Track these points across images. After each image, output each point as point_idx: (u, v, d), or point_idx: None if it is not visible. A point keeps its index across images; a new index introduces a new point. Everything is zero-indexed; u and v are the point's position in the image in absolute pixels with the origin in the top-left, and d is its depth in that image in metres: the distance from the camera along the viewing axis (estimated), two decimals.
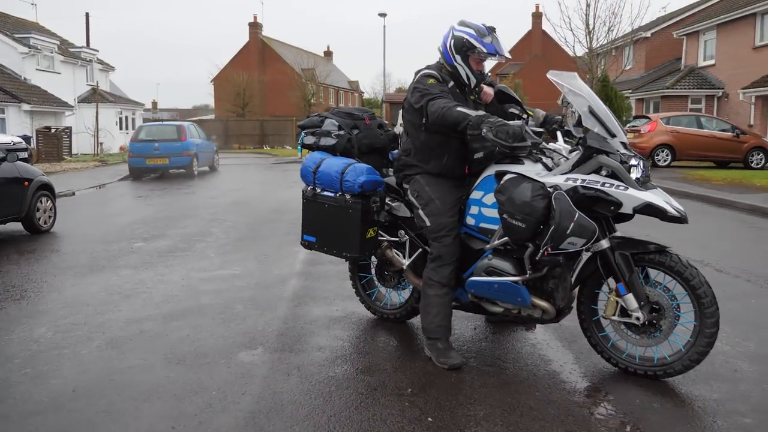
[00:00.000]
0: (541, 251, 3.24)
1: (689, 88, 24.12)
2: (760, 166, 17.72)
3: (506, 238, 3.46)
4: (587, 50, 22.09)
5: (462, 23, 3.67)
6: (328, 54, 66.06)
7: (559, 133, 3.80)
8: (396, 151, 4.28)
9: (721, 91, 23.46)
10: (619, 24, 21.83)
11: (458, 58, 3.63)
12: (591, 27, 21.44)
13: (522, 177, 3.33)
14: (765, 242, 7.88)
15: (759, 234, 8.47)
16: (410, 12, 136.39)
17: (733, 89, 22.42)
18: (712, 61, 24.56)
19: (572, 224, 3.14)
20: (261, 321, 4.54)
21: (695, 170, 16.54)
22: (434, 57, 3.91)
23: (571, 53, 23.91)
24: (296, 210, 4.23)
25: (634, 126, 18.29)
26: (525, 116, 3.97)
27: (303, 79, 46.36)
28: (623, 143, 3.40)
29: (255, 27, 53.16)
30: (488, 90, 3.92)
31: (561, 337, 4.12)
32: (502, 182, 3.37)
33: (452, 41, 3.64)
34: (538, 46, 48.47)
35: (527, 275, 3.49)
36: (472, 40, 3.56)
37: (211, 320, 4.58)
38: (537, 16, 50.44)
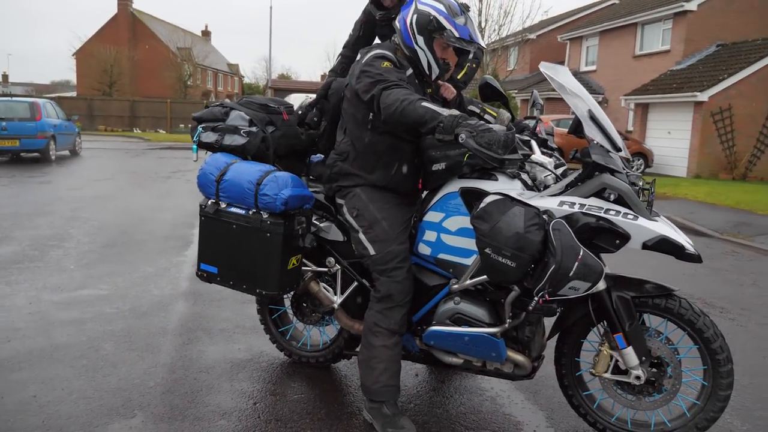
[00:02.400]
0: (535, 299, 2.45)
1: None
2: (639, 171, 18.47)
3: (483, 277, 2.66)
4: None
5: None
6: (206, 34, 62.67)
7: (533, 143, 3.05)
8: (317, 155, 3.36)
9: (602, 97, 24.36)
10: (510, 23, 22.02)
11: (420, 39, 2.74)
12: (483, 25, 21.40)
13: (509, 199, 2.53)
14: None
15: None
16: None
17: (613, 95, 23.35)
18: (594, 67, 25.49)
19: (576, 264, 2.38)
20: (139, 369, 3.45)
21: None
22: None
23: (482, 44, 23.80)
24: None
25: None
26: (487, 116, 3.20)
27: (179, 58, 43.54)
28: (626, 160, 2.71)
29: None
30: (447, 85, 3.09)
31: (520, 387, 3.41)
32: (482, 206, 2.54)
33: (414, 17, 2.74)
34: None
35: (507, 325, 2.71)
36: (442, 19, 2.68)
37: (69, 369, 3.42)
38: None
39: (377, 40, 3.59)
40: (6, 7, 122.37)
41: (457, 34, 2.71)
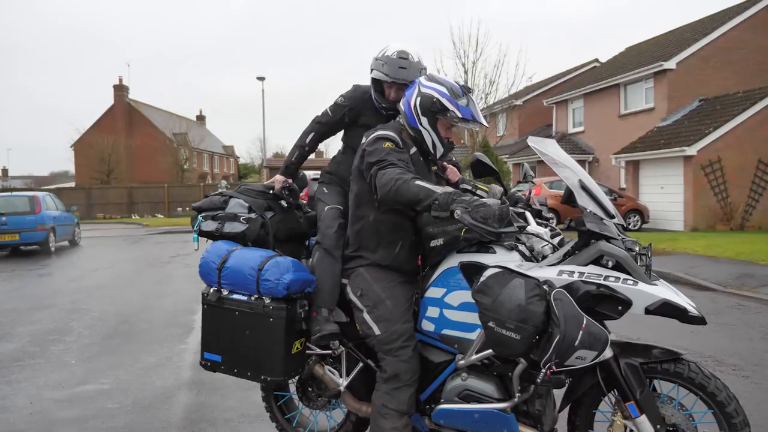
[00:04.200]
0: (543, 370, 2.42)
1: None
2: (636, 227, 18.57)
3: (488, 351, 2.64)
4: None
5: (431, 78, 2.90)
6: (201, 118, 64.19)
7: (528, 214, 3.09)
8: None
9: (592, 156, 24.82)
10: (496, 91, 22.60)
11: (424, 120, 2.84)
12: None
13: (508, 271, 2.54)
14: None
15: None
16: (289, 78, 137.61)
17: (602, 154, 23.77)
18: (581, 128, 26.06)
19: (581, 333, 2.36)
20: None
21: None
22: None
23: (485, 123, 24.39)
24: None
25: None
26: (480, 192, 3.25)
27: (175, 143, 44.37)
28: (620, 226, 2.74)
29: (120, 89, 50.34)
30: (453, 168, 3.18)
31: None
32: (482, 279, 2.54)
33: (418, 99, 2.85)
34: None
35: (516, 399, 2.67)
36: (444, 101, 2.79)
37: None
38: None
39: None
40: (6, 104, 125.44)
41: (460, 115, 2.80)
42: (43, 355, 5.76)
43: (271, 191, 3.34)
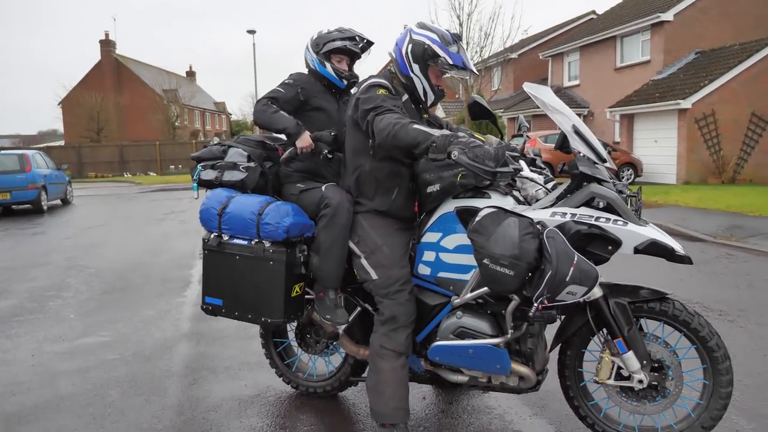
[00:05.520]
0: (534, 305, 2.50)
1: None
2: (630, 181, 18.64)
3: (484, 289, 2.71)
4: None
5: (423, 26, 2.91)
6: (192, 74, 63.21)
7: (522, 162, 3.13)
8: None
9: (587, 110, 24.71)
10: (492, 45, 22.33)
11: (416, 68, 2.86)
12: (465, 48, 21.73)
13: (504, 211, 2.59)
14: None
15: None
16: (280, 31, 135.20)
17: (598, 108, 23.67)
18: (577, 82, 25.87)
19: (572, 269, 2.44)
20: (147, 413, 3.45)
21: None
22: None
23: (474, 71, 24.17)
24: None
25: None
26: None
27: (165, 100, 43.83)
28: (612, 170, 2.79)
29: (107, 45, 49.25)
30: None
31: (528, 402, 3.43)
32: (477, 219, 2.60)
33: (410, 46, 2.87)
34: None
35: (509, 335, 2.76)
36: (436, 48, 2.81)
37: (76, 418, 3.42)
38: None
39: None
40: None
41: (451, 62, 2.83)
42: (41, 311, 5.83)
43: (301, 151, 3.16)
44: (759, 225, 9.84)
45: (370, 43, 3.32)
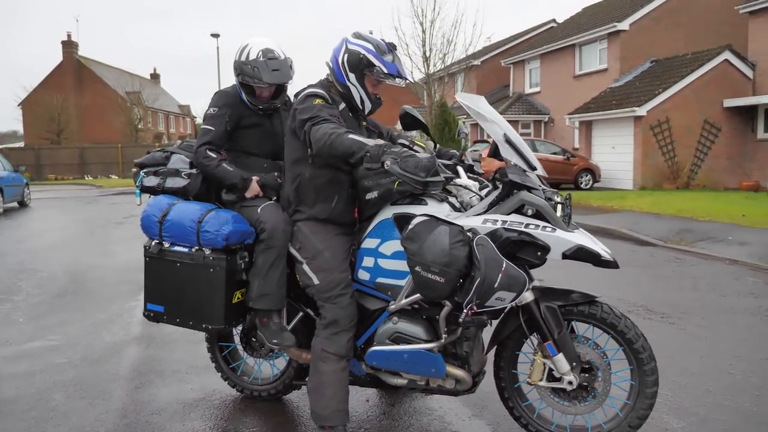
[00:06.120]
0: (464, 311, 2.59)
1: (519, 114, 25.58)
2: (588, 186, 19.08)
3: (417, 296, 2.79)
4: (424, 75, 22.59)
5: (358, 36, 2.98)
6: (155, 77, 62.30)
7: (460, 169, 3.24)
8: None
9: (548, 117, 25.18)
10: (454, 51, 22.60)
11: (352, 77, 2.94)
12: (428, 54, 21.95)
13: (435, 219, 2.68)
14: (623, 265, 7.97)
15: (616, 257, 8.67)
16: (246, 31, 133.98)
17: (558, 114, 24.13)
18: (538, 89, 26.31)
19: (500, 276, 2.53)
20: (90, 417, 3.44)
21: None
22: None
23: (409, 79, 24.37)
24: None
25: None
26: (416, 148, 3.36)
27: (128, 102, 43.16)
28: (541, 177, 2.90)
29: (69, 46, 48.32)
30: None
31: (468, 403, 3.53)
32: (410, 227, 2.68)
33: (346, 56, 2.94)
34: None
35: (443, 340, 2.84)
36: (371, 57, 2.89)
37: (18, 422, 3.40)
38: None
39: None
40: None
41: (385, 71, 2.90)
42: None
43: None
44: (708, 229, 10.17)
45: (286, 82, 3.25)
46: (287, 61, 3.23)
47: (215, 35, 33.22)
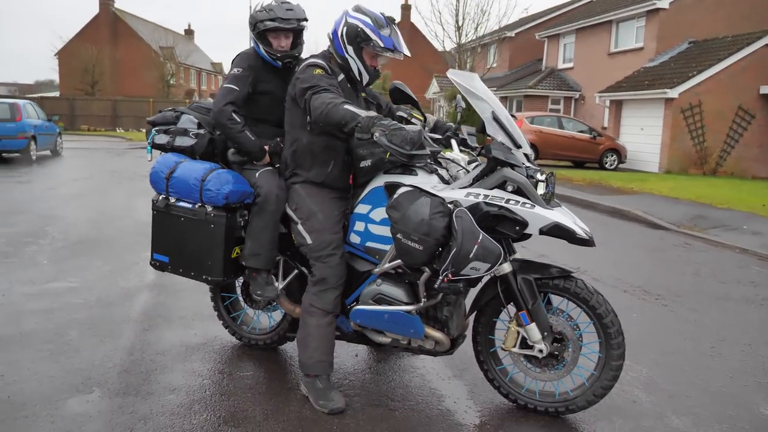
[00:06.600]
0: (440, 278, 2.78)
1: (549, 89, 25.33)
2: (613, 167, 18.93)
3: (399, 261, 2.98)
4: (456, 45, 22.43)
5: (358, 9, 3.11)
6: (190, 33, 62.62)
7: (453, 142, 3.39)
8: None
9: (579, 94, 24.86)
10: (487, 22, 22.42)
11: (350, 49, 3.09)
12: (460, 23, 21.75)
13: (418, 191, 2.85)
14: (630, 247, 8.12)
15: (624, 238, 8.76)
16: None
17: (589, 92, 23.81)
18: (571, 64, 25.93)
19: (476, 247, 2.71)
20: (99, 353, 3.73)
21: (556, 169, 17.23)
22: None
23: (440, 47, 24.23)
24: (150, 205, 3.48)
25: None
26: (414, 121, 3.51)
27: (161, 57, 43.58)
28: (527, 155, 3.04)
29: None
30: None
31: (451, 364, 3.73)
32: (395, 197, 2.87)
33: (344, 29, 3.08)
34: (405, 37, 47.43)
35: (422, 303, 3.04)
36: (368, 31, 3.02)
37: (35, 353, 3.70)
38: (406, 8, 51.11)
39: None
40: None
41: (382, 44, 3.05)
42: (17, 255, 6.09)
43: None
44: (724, 217, 10.13)
45: (303, 19, 3.33)
46: (299, 8, 3.33)
47: None
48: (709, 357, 4.14)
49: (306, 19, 3.35)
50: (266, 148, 3.32)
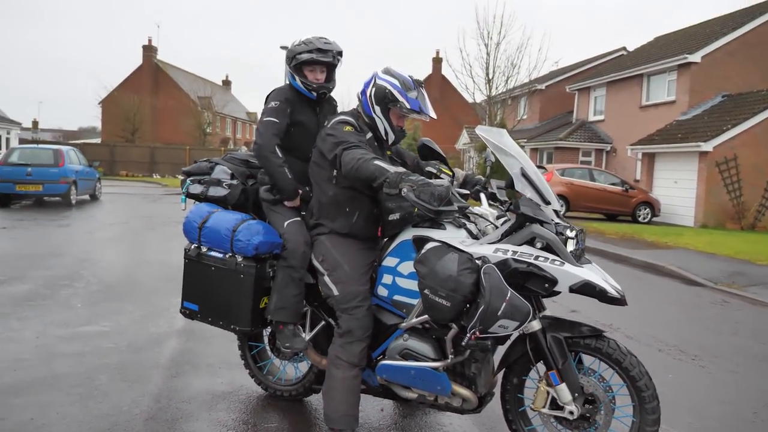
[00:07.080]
0: (468, 335, 2.75)
1: (581, 141, 25.32)
2: (646, 220, 18.66)
3: (426, 316, 2.97)
4: (486, 97, 22.68)
5: (387, 71, 3.21)
6: (227, 83, 64.66)
7: (483, 196, 3.40)
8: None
9: (610, 146, 24.79)
10: (518, 74, 22.63)
11: (378, 109, 3.17)
12: (491, 76, 22.03)
13: (446, 246, 2.86)
14: (665, 303, 7.93)
15: (658, 294, 8.56)
16: None
17: (620, 144, 23.74)
18: (602, 117, 25.97)
19: (504, 304, 2.68)
20: (128, 398, 3.76)
21: (588, 222, 17.07)
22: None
23: (470, 99, 24.51)
24: (182, 252, 3.58)
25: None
26: (443, 176, 3.54)
27: (199, 107, 44.93)
28: (556, 211, 3.03)
29: (149, 50, 51.25)
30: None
31: (478, 422, 3.65)
32: (423, 251, 2.87)
33: (373, 90, 3.18)
34: (437, 89, 49.05)
35: (449, 360, 3.00)
36: (396, 93, 3.11)
37: (65, 396, 3.75)
38: (437, 61, 52.05)
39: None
40: (37, 56, 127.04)
41: (408, 106, 3.13)
42: (52, 297, 6.23)
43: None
44: (763, 274, 9.85)
45: (339, 53, 3.42)
46: (336, 44, 3.41)
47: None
48: (751, 423, 3.97)
49: (341, 53, 3.43)
50: (300, 191, 3.36)
